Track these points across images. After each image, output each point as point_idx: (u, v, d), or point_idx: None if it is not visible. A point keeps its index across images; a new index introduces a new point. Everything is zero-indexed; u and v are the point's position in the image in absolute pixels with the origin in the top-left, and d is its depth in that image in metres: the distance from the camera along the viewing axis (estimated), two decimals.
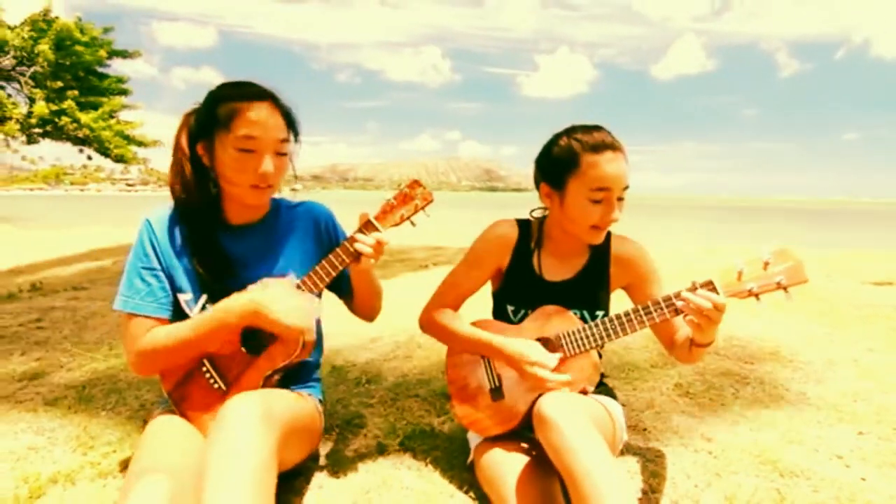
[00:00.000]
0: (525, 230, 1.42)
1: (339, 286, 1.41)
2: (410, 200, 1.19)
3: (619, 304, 1.29)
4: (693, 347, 1.22)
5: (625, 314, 1.19)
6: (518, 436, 1.32)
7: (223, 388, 1.24)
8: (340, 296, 1.45)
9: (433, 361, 2.37)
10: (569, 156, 1.25)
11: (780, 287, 1.08)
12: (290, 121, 1.24)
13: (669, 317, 1.15)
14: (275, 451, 0.99)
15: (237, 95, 1.17)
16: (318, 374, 1.53)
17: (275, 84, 1.25)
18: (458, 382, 1.42)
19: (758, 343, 2.77)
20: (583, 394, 1.26)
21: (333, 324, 1.49)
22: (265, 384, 1.23)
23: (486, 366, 1.37)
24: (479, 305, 1.52)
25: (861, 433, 1.75)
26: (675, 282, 1.13)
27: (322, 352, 1.51)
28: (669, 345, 1.36)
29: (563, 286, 1.38)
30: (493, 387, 1.34)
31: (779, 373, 2.32)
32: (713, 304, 1.07)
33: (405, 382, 2.14)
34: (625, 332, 1.19)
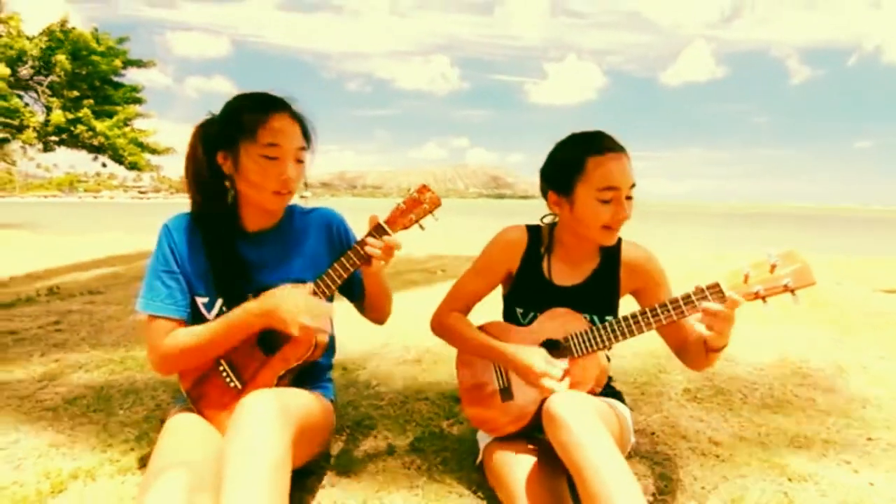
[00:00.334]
0: (535, 235, 1.45)
1: (351, 290, 1.45)
2: (419, 204, 1.22)
3: (629, 310, 1.30)
4: (708, 353, 1.21)
5: (632, 316, 1.21)
6: (527, 436, 1.34)
7: (239, 387, 1.28)
8: (352, 299, 1.48)
9: (442, 365, 2.40)
10: (573, 160, 1.28)
11: (787, 289, 1.07)
12: (307, 130, 1.30)
13: (676, 319, 1.16)
14: (290, 447, 1.03)
15: (260, 106, 1.23)
16: (330, 376, 1.56)
17: (289, 94, 1.32)
18: (468, 383, 1.44)
19: (766, 350, 2.77)
20: (590, 394, 1.28)
21: (344, 328, 1.53)
22: (279, 383, 1.27)
23: (496, 367, 1.39)
24: (490, 307, 1.54)
25: (870, 439, 1.75)
26: (684, 288, 1.15)
27: (334, 353, 1.55)
28: (679, 350, 1.36)
29: (573, 291, 1.40)
30: (503, 387, 1.37)
31: (787, 379, 2.32)
32: (729, 304, 1.07)
33: (414, 385, 2.17)
34: (632, 334, 1.21)
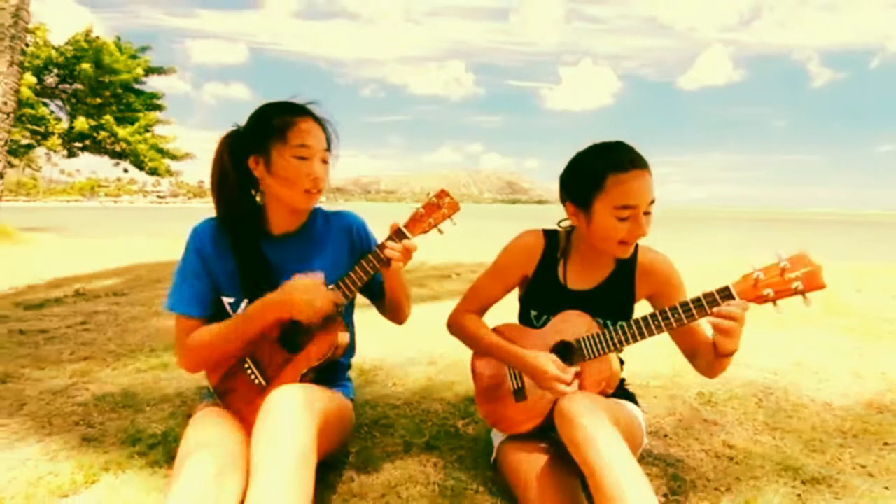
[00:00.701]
0: (551, 240, 1.47)
1: (371, 291, 1.50)
2: (438, 209, 1.27)
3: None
4: (717, 358, 1.22)
5: (643, 319, 1.23)
6: (541, 435, 1.36)
7: (263, 384, 1.33)
8: (372, 300, 1.53)
9: (456, 366, 2.44)
10: (593, 177, 1.28)
11: (798, 292, 1.07)
12: (328, 134, 1.38)
13: (686, 322, 1.17)
14: (315, 438, 1.08)
15: (288, 111, 1.32)
16: (349, 375, 1.61)
17: (312, 100, 1.39)
18: (483, 384, 1.48)
19: (784, 355, 2.76)
20: (602, 395, 1.31)
21: (361, 331, 1.58)
22: (301, 381, 1.32)
23: (510, 368, 1.43)
24: (506, 308, 1.58)
25: (886, 444, 1.74)
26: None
27: (353, 353, 1.59)
28: (691, 356, 1.38)
29: (588, 295, 1.42)
30: (517, 388, 1.40)
31: (804, 384, 2.31)
32: (737, 309, 1.08)
33: (430, 386, 2.21)
34: (643, 337, 1.23)
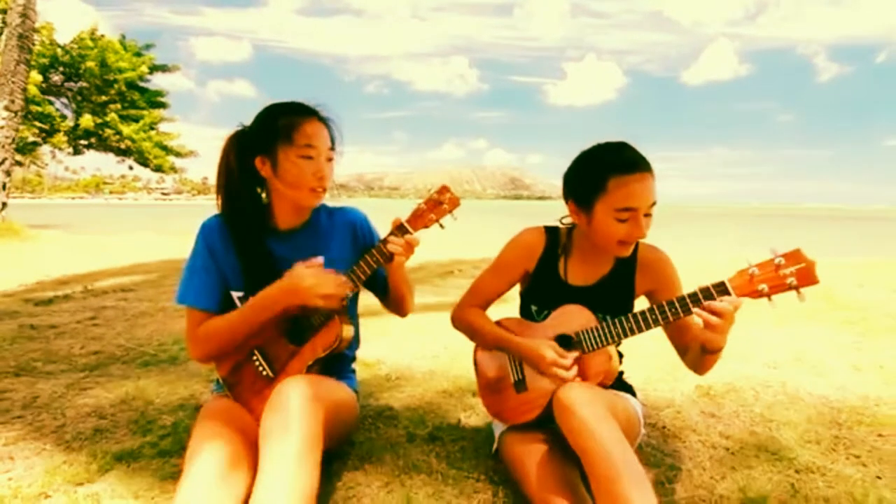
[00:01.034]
0: (553, 237, 1.51)
1: (375, 285, 1.54)
2: (439, 205, 1.31)
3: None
4: (704, 355, 1.27)
5: (640, 313, 1.26)
6: (541, 425, 1.40)
7: (271, 376, 1.37)
8: (376, 293, 1.57)
9: (459, 360, 2.48)
10: (595, 178, 1.31)
11: (792, 288, 1.10)
12: (332, 133, 1.41)
13: (682, 316, 1.20)
14: (321, 428, 1.12)
15: (293, 112, 1.35)
16: (354, 368, 1.65)
17: (318, 101, 1.42)
18: (485, 376, 1.52)
19: (783, 349, 2.79)
20: (600, 387, 1.34)
21: (365, 325, 1.62)
22: (308, 372, 1.36)
23: (511, 360, 1.47)
24: (510, 306, 1.62)
25: (881, 436, 1.77)
26: None
27: (358, 346, 1.64)
28: (682, 351, 1.41)
29: (588, 291, 1.45)
30: (517, 379, 1.44)
31: (802, 377, 2.34)
32: (728, 305, 1.11)
33: (433, 379, 2.25)
34: (640, 330, 1.26)
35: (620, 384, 1.54)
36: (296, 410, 1.09)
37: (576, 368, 1.30)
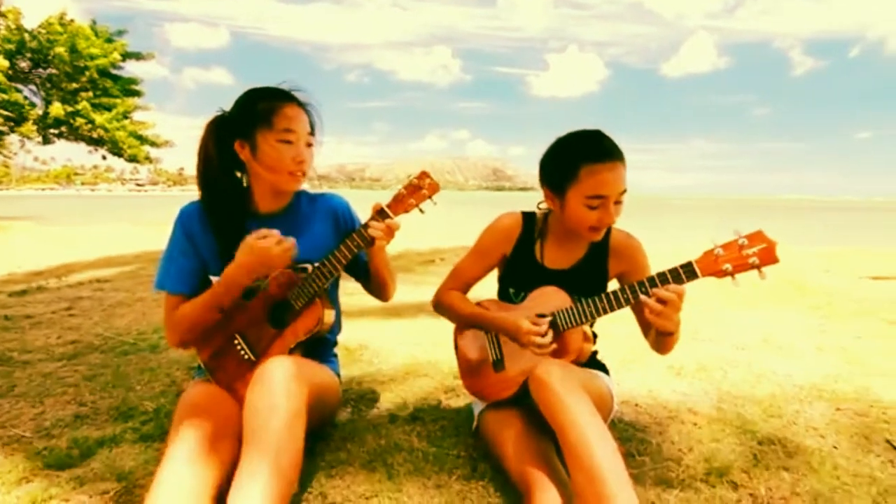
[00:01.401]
0: (529, 222, 1.56)
1: (357, 270, 1.57)
2: (419, 190, 1.33)
3: None
4: (659, 337, 1.33)
5: (612, 293, 1.31)
6: (517, 403, 1.45)
7: (253, 359, 1.39)
8: (358, 278, 1.60)
9: (440, 346, 2.52)
10: (568, 166, 1.36)
11: (754, 267, 1.16)
12: (312, 118, 1.43)
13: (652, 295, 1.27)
14: (304, 406, 1.15)
15: (273, 96, 1.36)
16: (336, 352, 1.68)
17: (297, 86, 1.43)
18: (465, 356, 1.57)
19: (751, 332, 2.90)
20: (575, 364, 1.40)
21: (347, 311, 1.65)
22: (290, 355, 1.38)
23: (490, 341, 1.52)
24: (486, 288, 1.66)
25: (839, 409, 1.88)
26: None
27: (340, 330, 1.66)
28: (645, 331, 1.48)
29: (563, 274, 1.51)
30: (496, 359, 1.49)
31: (767, 357, 2.44)
32: (674, 293, 1.17)
33: (415, 364, 2.29)
34: (612, 309, 1.31)
35: (594, 363, 1.60)
36: (280, 387, 1.12)
37: (551, 334, 1.35)
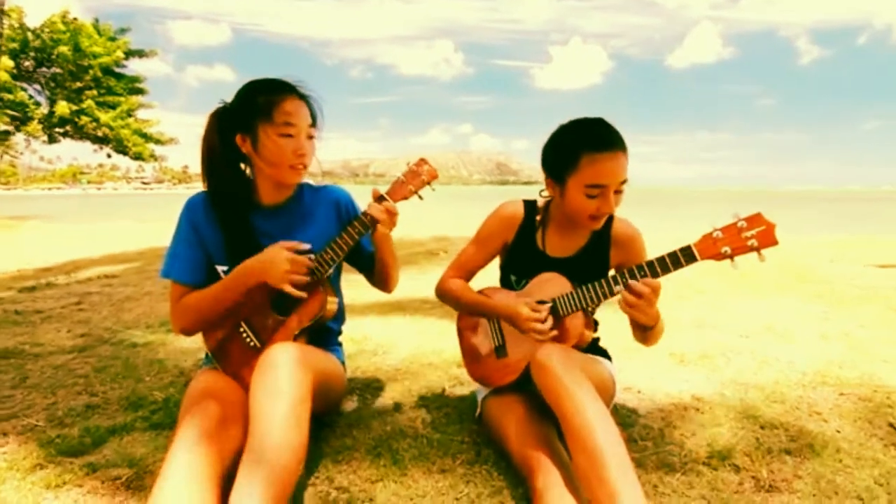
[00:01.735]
0: (531, 210, 1.57)
1: (361, 262, 1.59)
2: (418, 176, 1.35)
3: None
4: (636, 329, 1.35)
5: (612, 278, 1.32)
6: (520, 389, 1.47)
7: (258, 346, 1.42)
8: (361, 270, 1.61)
9: (444, 335, 2.54)
10: (568, 155, 1.36)
11: (753, 249, 1.16)
12: (314, 111, 1.43)
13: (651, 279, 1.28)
14: (309, 390, 1.17)
15: (273, 89, 1.36)
16: (340, 341, 1.70)
17: (298, 79, 1.44)
18: (468, 343, 1.59)
19: (756, 320, 2.90)
20: (575, 349, 1.41)
21: (352, 302, 1.67)
22: (295, 342, 1.41)
23: (492, 328, 1.53)
24: (488, 276, 1.68)
25: (842, 394, 1.88)
26: None
27: (344, 320, 1.68)
28: (630, 324, 1.46)
29: (565, 262, 1.51)
30: (498, 345, 1.51)
31: (771, 345, 2.45)
32: (647, 286, 1.20)
33: (419, 352, 2.31)
34: (612, 294, 1.32)
35: (596, 349, 1.61)
36: (285, 372, 1.14)
37: (551, 320, 1.36)
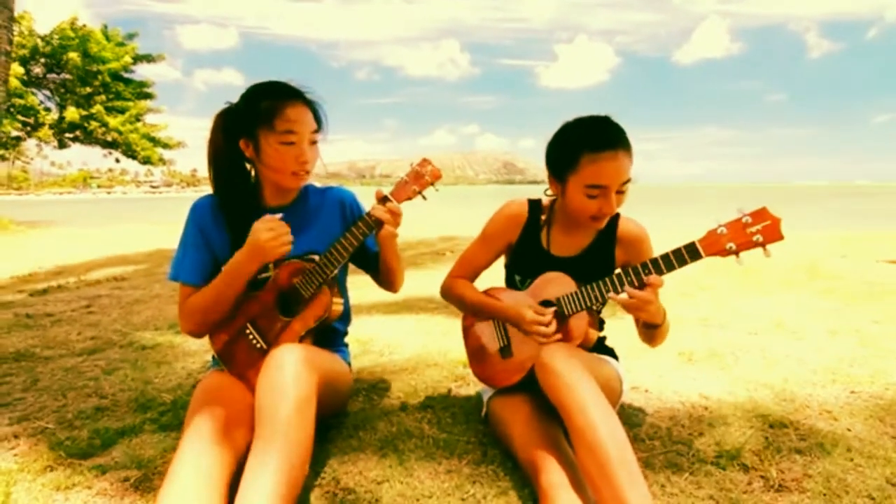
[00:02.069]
0: (535, 209, 1.56)
1: (367, 262, 1.59)
2: (421, 177, 1.35)
3: None
4: (642, 328, 1.34)
5: (616, 276, 1.31)
6: (526, 389, 1.46)
7: (265, 348, 1.42)
8: (367, 270, 1.62)
9: (450, 336, 2.54)
10: (568, 154, 1.35)
11: (758, 244, 1.15)
12: (318, 115, 1.43)
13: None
14: (315, 390, 1.17)
15: (275, 95, 1.36)
16: (346, 341, 1.71)
17: (302, 82, 1.44)
18: (473, 343, 1.58)
19: (765, 317, 2.87)
20: (581, 348, 1.40)
21: (358, 302, 1.67)
22: (301, 343, 1.41)
23: (497, 328, 1.53)
24: (494, 275, 1.67)
25: (853, 392, 1.86)
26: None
27: (349, 321, 1.69)
28: (635, 323, 1.46)
29: (570, 261, 1.50)
30: (503, 345, 1.50)
31: (780, 342, 2.42)
32: (646, 290, 1.21)
33: (425, 353, 2.31)
34: (616, 292, 1.31)
35: (603, 349, 1.60)
36: (290, 372, 1.14)
37: (555, 324, 1.36)
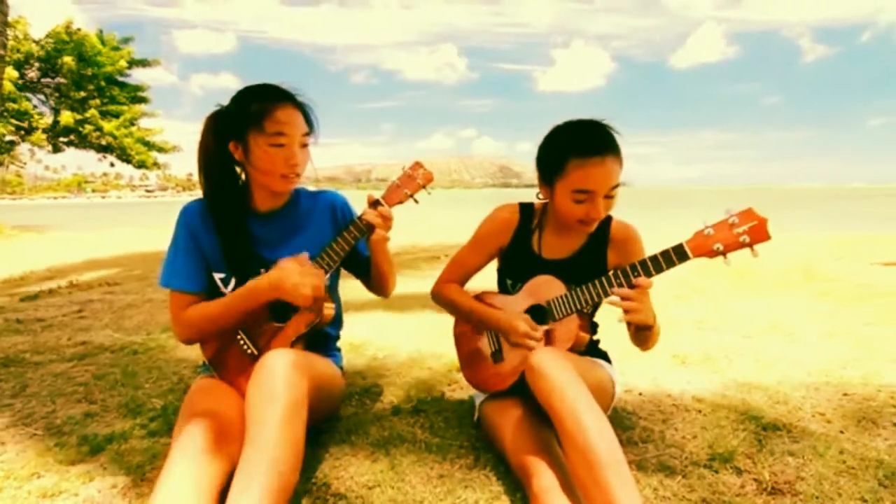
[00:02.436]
0: (526, 212, 1.56)
1: (358, 268, 1.58)
2: (413, 180, 1.35)
3: None
4: (634, 332, 1.33)
5: (605, 278, 1.30)
6: (517, 393, 1.46)
7: (256, 353, 1.41)
8: (359, 276, 1.61)
9: (442, 339, 2.52)
10: (556, 158, 1.35)
11: (745, 245, 1.15)
12: (309, 117, 1.42)
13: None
14: (306, 395, 1.16)
15: (265, 97, 1.35)
16: (338, 346, 1.70)
17: (293, 85, 1.44)
18: (465, 348, 1.58)
19: (759, 320, 2.88)
20: (572, 352, 1.40)
21: (351, 307, 1.66)
22: (292, 348, 1.40)
23: (488, 334, 1.52)
24: (486, 277, 1.67)
25: (846, 394, 1.86)
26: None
27: (341, 325, 1.68)
28: (627, 326, 1.45)
29: (561, 264, 1.50)
30: (494, 350, 1.49)
31: (774, 345, 2.43)
32: (633, 292, 1.20)
33: (418, 357, 2.30)
34: (606, 295, 1.31)
35: (596, 352, 1.60)
36: (280, 378, 1.13)
37: (543, 334, 1.35)
